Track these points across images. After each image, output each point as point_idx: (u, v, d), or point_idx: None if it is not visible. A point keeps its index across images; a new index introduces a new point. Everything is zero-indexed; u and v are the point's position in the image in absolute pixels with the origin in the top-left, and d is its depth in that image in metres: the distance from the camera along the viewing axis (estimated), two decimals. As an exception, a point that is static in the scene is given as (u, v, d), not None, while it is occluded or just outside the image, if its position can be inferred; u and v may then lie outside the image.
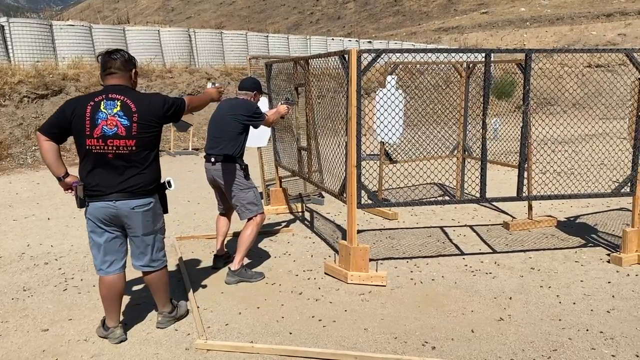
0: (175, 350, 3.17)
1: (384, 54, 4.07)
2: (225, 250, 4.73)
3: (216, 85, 4.07)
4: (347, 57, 4.09)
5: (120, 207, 3.05)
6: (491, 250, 5.09)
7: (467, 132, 6.86)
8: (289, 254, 5.04)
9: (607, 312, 3.68)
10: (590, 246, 5.14)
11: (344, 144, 4.33)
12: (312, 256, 4.97)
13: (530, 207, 5.91)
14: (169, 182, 3.30)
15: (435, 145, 7.07)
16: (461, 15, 46.82)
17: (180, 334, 3.38)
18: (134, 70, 3.18)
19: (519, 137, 4.53)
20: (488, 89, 4.21)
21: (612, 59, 20.05)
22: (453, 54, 5.97)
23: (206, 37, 16.14)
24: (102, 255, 3.19)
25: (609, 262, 4.66)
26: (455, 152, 7.02)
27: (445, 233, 5.71)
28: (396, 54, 5.11)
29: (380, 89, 5.87)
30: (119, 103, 3.01)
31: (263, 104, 6.00)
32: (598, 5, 38.35)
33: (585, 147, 9.57)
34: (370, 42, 22.47)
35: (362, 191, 4.27)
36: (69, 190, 3.16)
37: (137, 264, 3.30)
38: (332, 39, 20.67)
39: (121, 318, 3.46)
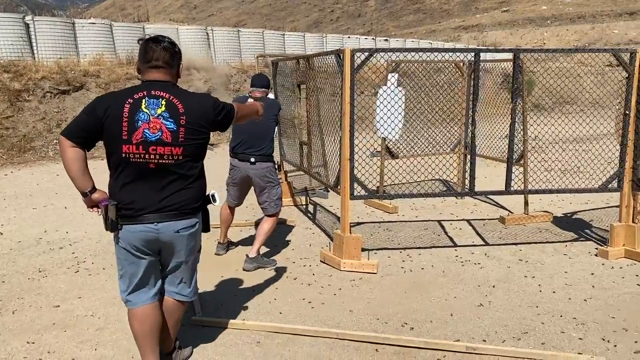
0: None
1: (376, 52, 4.29)
2: (229, 239, 5.01)
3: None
4: (341, 56, 4.32)
5: (162, 230, 2.52)
6: (484, 243, 5.27)
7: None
8: (289, 243, 5.30)
9: (584, 300, 3.85)
10: (582, 240, 5.28)
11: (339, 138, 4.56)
12: (310, 245, 5.21)
13: (526, 202, 6.07)
14: (213, 196, 2.73)
15: (438, 142, 7.24)
16: (482, 14, 46.54)
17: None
18: (180, 65, 2.66)
19: (519, 134, 4.70)
20: (477, 88, 4.39)
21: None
22: (453, 53, 6.13)
23: (224, 35, 16.46)
24: (134, 286, 2.65)
25: (596, 255, 4.81)
26: (457, 148, 7.19)
27: (442, 226, 5.89)
28: (396, 52, 5.30)
29: (382, 86, 6.08)
30: (163, 102, 2.48)
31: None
32: (621, 4, 37.78)
33: (595, 147, 9.61)
34: (387, 40, 22.59)
35: (355, 183, 4.50)
36: (95, 209, 2.59)
37: (172, 289, 2.78)
38: (349, 37, 20.84)
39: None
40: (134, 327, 2.69)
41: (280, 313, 3.64)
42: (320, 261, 4.73)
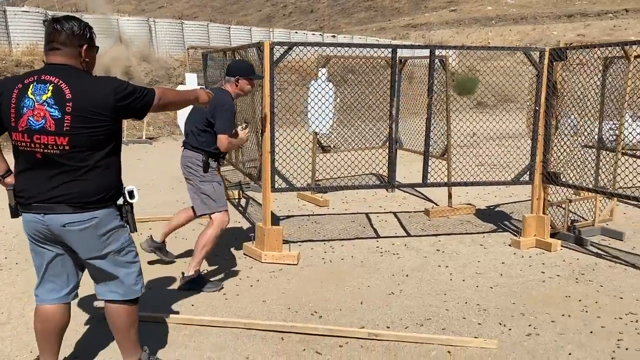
0: (80, 319, 3.38)
1: (295, 46, 4.33)
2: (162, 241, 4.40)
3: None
4: (261, 49, 4.34)
5: (49, 222, 2.37)
6: (405, 234, 5.42)
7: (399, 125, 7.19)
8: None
9: (490, 288, 4.02)
10: (499, 232, 5.51)
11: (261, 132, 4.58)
12: (236, 239, 5.22)
13: (450, 195, 6.27)
14: (130, 193, 2.55)
15: (370, 137, 7.38)
16: (431, 13, 47.51)
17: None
18: (85, 46, 2.41)
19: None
20: (396, 84, 4.50)
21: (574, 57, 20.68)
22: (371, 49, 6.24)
23: (166, 27, 16.18)
24: (41, 279, 2.55)
25: (509, 245, 5.03)
26: (387, 143, 7.33)
27: (369, 219, 6.01)
28: (315, 46, 5.36)
29: (313, 81, 6.14)
30: (50, 87, 2.29)
31: (191, 82, 6.18)
32: (561, 6, 39.41)
33: (528, 142, 10.01)
34: (334, 36, 22.74)
35: (277, 176, 4.54)
36: None
37: (98, 290, 2.63)
38: (296, 32, 20.89)
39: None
40: (36, 324, 2.58)
41: (192, 305, 3.64)
42: (243, 254, 4.74)
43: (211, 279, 4.07)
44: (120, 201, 2.53)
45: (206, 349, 3.07)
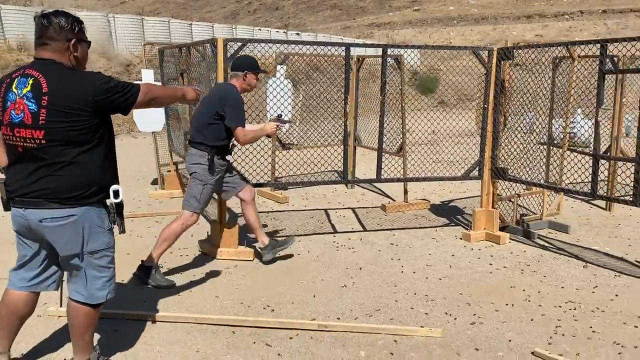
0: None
1: (249, 43, 4.36)
2: (268, 241, 4.43)
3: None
4: (215, 45, 4.35)
5: (28, 217, 2.40)
6: (362, 229, 5.52)
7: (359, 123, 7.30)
8: (171, 234, 5.26)
9: (439, 279, 4.15)
10: (452, 225, 5.67)
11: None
12: (192, 236, 5.20)
13: (405, 191, 6.41)
14: (115, 193, 2.50)
15: (331, 135, 7.46)
16: (395, 12, 47.99)
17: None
18: (73, 41, 2.42)
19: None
20: (347, 81, 4.58)
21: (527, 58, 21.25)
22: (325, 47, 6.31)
23: (126, 22, 15.90)
24: (19, 263, 2.59)
25: (460, 238, 5.18)
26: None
27: (328, 215, 6.09)
28: (268, 43, 5.42)
29: (271, 77, 6.18)
30: (31, 81, 2.33)
31: (147, 78, 6.12)
32: (520, 7, 40.43)
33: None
34: (298, 34, 22.76)
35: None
36: None
37: (69, 287, 2.61)
38: (260, 30, 20.82)
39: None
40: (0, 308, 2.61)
41: (145, 302, 3.64)
42: (199, 251, 4.75)
43: (166, 277, 4.06)
44: (109, 201, 2.52)
45: (156, 344, 3.08)
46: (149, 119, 6.32)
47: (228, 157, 4.13)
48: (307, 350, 3.02)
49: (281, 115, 4.32)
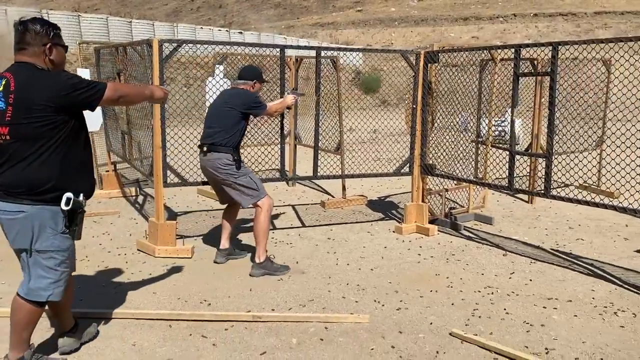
0: None
1: (185, 44, 4.44)
2: (231, 246, 4.61)
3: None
4: (151, 46, 4.41)
5: None
6: (301, 225, 5.69)
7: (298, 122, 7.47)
8: (108, 233, 5.26)
9: (371, 270, 4.38)
10: (386, 219, 5.94)
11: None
12: (130, 235, 5.23)
13: (344, 188, 6.64)
14: (67, 200, 2.55)
15: (272, 133, 7.59)
16: (338, 12, 48.59)
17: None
18: (48, 45, 2.58)
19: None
20: (283, 82, 4.74)
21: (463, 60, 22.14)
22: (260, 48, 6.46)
23: (61, 19, 15.42)
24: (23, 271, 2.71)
25: (394, 232, 5.45)
26: (287, 139, 7.59)
27: (267, 212, 6.22)
28: (204, 44, 5.50)
29: (210, 77, 6.25)
30: (3, 82, 2.50)
31: (83, 76, 6.07)
32: (458, 10, 41.87)
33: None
34: (241, 33, 22.71)
35: (169, 171, 4.63)
36: None
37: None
38: (202, 28, 20.64)
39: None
40: None
41: (81, 300, 3.67)
42: (137, 249, 4.79)
43: (107, 278, 4.09)
44: (64, 205, 2.56)
45: (92, 339, 3.13)
46: (87, 119, 6.25)
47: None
48: (241, 340, 3.16)
49: (296, 89, 4.92)
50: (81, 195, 2.63)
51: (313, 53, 4.91)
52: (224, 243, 4.53)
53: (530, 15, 38.90)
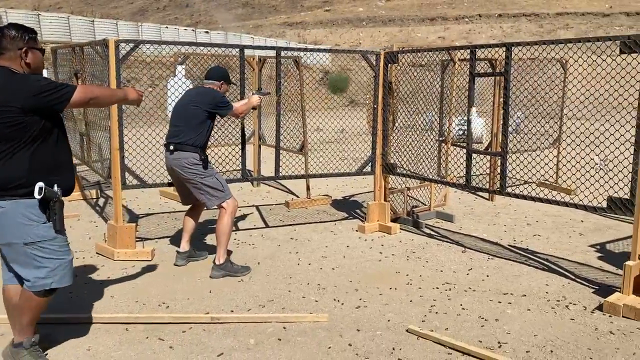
0: None
1: (142, 44, 4.39)
2: (191, 248, 4.56)
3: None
4: (107, 46, 4.34)
5: None
6: (264, 225, 5.69)
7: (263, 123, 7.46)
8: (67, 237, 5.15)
9: (332, 269, 4.41)
10: (350, 219, 5.98)
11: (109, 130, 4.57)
12: (90, 238, 5.15)
13: (308, 187, 6.66)
14: (39, 190, 2.63)
15: (235, 133, 7.56)
16: (306, 12, 48.60)
17: None
18: (24, 50, 2.67)
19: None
20: (243, 82, 4.73)
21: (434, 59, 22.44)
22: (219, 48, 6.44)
23: (19, 18, 15.01)
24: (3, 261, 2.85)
25: (357, 230, 5.49)
26: (251, 139, 7.58)
27: (231, 213, 6.19)
28: (162, 44, 5.45)
29: (172, 77, 6.18)
30: None
31: None
32: (425, 10, 42.38)
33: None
34: (207, 32, 22.50)
35: (127, 173, 4.57)
36: None
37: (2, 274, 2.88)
38: (167, 28, 20.38)
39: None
40: None
41: (35, 305, 3.59)
42: (96, 253, 4.71)
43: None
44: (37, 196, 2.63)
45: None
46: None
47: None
48: (199, 342, 3.15)
49: (261, 89, 4.92)
50: (55, 185, 2.69)
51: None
52: (184, 245, 4.49)
53: (495, 16, 39.67)
